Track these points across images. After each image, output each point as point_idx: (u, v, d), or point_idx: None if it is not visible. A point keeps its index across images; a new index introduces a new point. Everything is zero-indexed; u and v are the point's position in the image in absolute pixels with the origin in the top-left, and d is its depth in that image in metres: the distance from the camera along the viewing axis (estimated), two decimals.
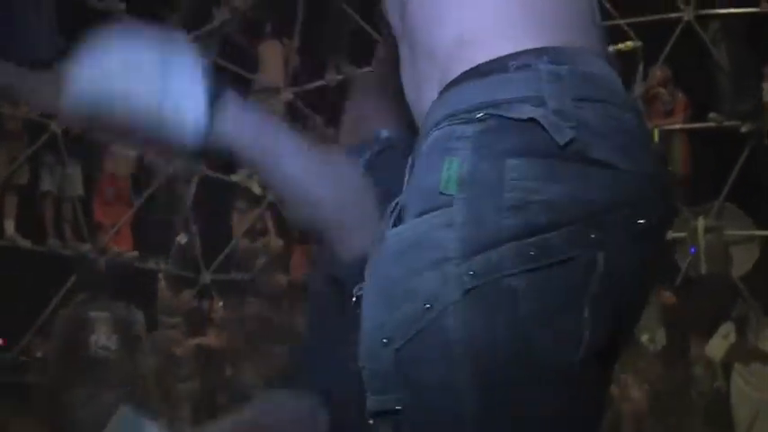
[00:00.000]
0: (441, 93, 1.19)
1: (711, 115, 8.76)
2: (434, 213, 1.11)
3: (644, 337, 7.93)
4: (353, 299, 1.18)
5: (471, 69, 1.16)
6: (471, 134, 1.12)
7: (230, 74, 9.72)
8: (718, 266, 8.62)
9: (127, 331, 6.69)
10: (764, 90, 8.73)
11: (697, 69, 8.96)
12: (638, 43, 8.34)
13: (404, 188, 1.20)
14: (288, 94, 10.08)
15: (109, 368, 6.36)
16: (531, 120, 1.10)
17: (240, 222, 10.10)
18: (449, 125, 1.14)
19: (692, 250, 8.66)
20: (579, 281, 1.09)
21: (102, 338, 6.39)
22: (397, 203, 1.18)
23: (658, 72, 9.07)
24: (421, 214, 1.12)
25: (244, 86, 10.00)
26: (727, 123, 8.64)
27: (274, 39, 10.09)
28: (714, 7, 8.66)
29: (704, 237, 8.61)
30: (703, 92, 8.92)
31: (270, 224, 10.22)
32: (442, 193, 1.11)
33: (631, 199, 1.11)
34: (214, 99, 1.39)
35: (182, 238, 9.47)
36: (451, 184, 1.10)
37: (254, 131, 1.44)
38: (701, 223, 8.65)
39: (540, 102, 1.11)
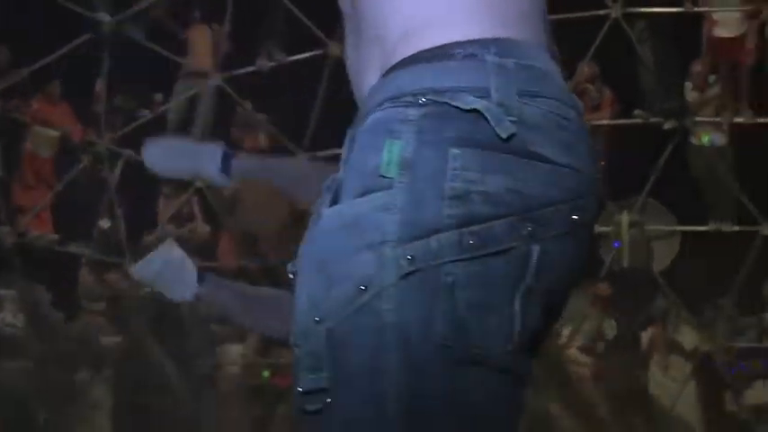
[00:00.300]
0: (384, 74, 1.19)
1: (637, 112, 8.94)
2: (374, 195, 1.11)
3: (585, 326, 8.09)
4: (290, 275, 1.18)
5: (417, 53, 1.16)
6: (415, 118, 1.12)
7: (157, 56, 9.57)
8: (641, 261, 8.81)
9: (33, 310, 6.64)
10: (688, 88, 8.94)
11: (624, 66, 9.11)
12: None
13: (342, 165, 1.19)
14: (217, 80, 9.95)
15: (16, 344, 6.36)
16: (475, 110, 1.11)
17: (166, 208, 9.95)
18: (392, 107, 1.14)
19: (616, 244, 8.82)
20: (515, 272, 1.10)
21: (9, 316, 6.35)
22: (333, 179, 1.18)
23: (586, 68, 9.20)
24: (360, 195, 1.12)
25: (172, 70, 9.86)
26: (651, 120, 8.83)
27: (204, 23, 9.95)
28: (643, 5, 8.83)
29: (628, 231, 8.78)
30: (630, 89, 9.08)
31: (197, 210, 10.09)
32: (382, 176, 1.11)
33: (568, 195, 1.13)
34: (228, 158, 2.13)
35: (104, 223, 9.29)
36: (392, 167, 1.10)
37: (258, 164, 1.72)
38: (624, 218, 8.82)
39: (484, 93, 1.12)
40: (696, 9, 8.91)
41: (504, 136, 1.10)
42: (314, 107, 9.72)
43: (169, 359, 8.96)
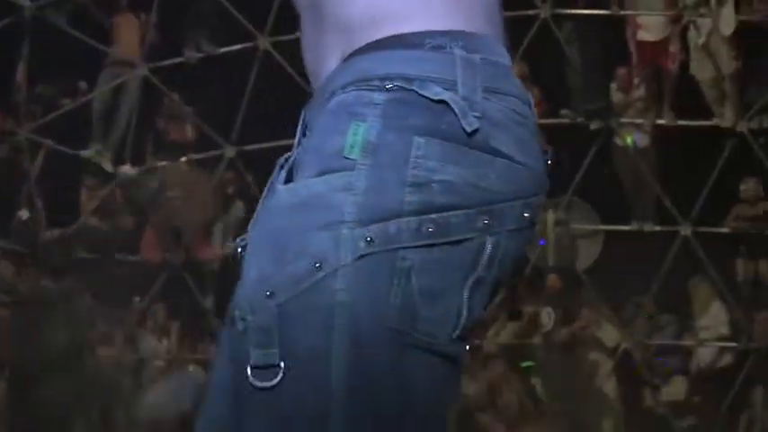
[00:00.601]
0: (348, 57, 1.18)
1: (563, 112, 9.07)
2: (334, 175, 1.10)
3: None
4: (238, 249, 1.17)
5: (384, 39, 1.15)
6: (381, 102, 1.12)
7: (81, 44, 9.35)
8: (566, 259, 8.94)
9: None
10: (613, 90, 9.10)
11: (552, 67, 9.23)
12: None
13: (296, 144, 1.21)
14: (143, 70, 9.77)
15: None
16: (442, 102, 1.11)
17: (89, 200, 9.74)
18: (356, 90, 1.14)
19: (542, 242, 8.93)
20: (468, 262, 1.13)
21: None
22: (287, 158, 1.19)
23: (515, 68, 9.28)
24: (319, 174, 1.11)
25: (97, 58, 9.64)
26: (578, 120, 8.96)
27: (131, 12, 9.75)
28: (571, 7, 8.95)
29: (553, 230, 8.90)
30: (557, 89, 9.20)
31: (121, 200, 9.89)
32: (345, 157, 1.11)
33: (523, 193, 1.16)
34: None
35: (23, 214, 9.04)
36: (356, 149, 1.10)
37: None
38: (550, 216, 8.93)
39: (451, 86, 1.12)
40: (622, 12, 9.07)
41: (468, 130, 1.11)
42: (242, 101, 9.61)
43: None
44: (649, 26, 9.03)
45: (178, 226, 9.74)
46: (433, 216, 1.09)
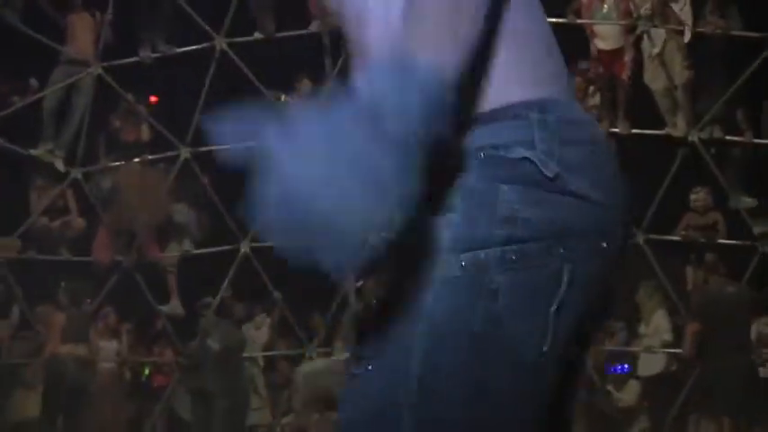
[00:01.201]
0: None
1: None
2: (440, 216, 1.38)
3: None
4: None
5: (478, 114, 1.42)
6: (476, 165, 1.39)
7: (34, 42, 9.21)
8: None
9: None
10: None
11: None
12: None
13: None
14: (97, 69, 9.65)
15: None
16: (525, 158, 1.38)
17: (40, 199, 9.59)
18: None
19: None
20: (550, 286, 1.35)
21: None
22: None
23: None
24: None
25: (50, 57, 9.51)
26: None
27: (85, 11, 9.63)
28: None
29: None
30: None
31: (72, 203, 9.76)
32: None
33: (598, 227, 1.39)
34: None
35: None
36: (455, 196, 1.37)
37: None
38: None
39: (530, 145, 1.38)
40: (579, 21, 9.17)
41: (550, 176, 1.36)
42: (198, 101, 9.54)
43: None
44: (605, 35, 9.14)
45: (131, 228, 9.63)
46: (516, 246, 1.34)
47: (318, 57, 9.41)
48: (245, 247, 9.55)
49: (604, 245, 1.39)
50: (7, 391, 8.62)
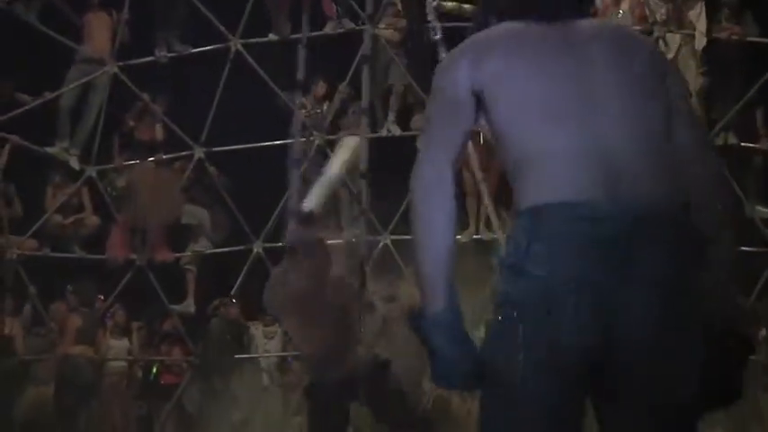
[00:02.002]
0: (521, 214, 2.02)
1: None
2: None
3: None
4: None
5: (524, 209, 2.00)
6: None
7: (51, 41, 9.28)
8: None
9: None
10: None
11: None
12: None
13: None
14: (113, 68, 9.71)
15: None
16: (511, 250, 2.01)
17: (55, 197, 9.65)
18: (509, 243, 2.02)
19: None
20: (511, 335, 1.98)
21: None
22: None
23: None
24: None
25: (67, 56, 9.57)
26: None
27: (102, 10, 9.69)
28: None
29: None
30: None
31: (86, 201, 9.81)
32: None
33: (541, 297, 1.99)
34: None
35: None
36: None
37: None
38: (502, 236, 8.94)
39: (516, 242, 2.02)
40: None
41: (514, 262, 1.98)
42: (212, 102, 9.58)
43: None
44: None
45: (144, 227, 9.68)
46: (500, 308, 2.00)
47: (333, 58, 9.45)
48: (257, 248, 9.58)
49: (549, 311, 1.91)
50: (20, 388, 8.67)
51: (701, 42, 8.83)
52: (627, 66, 1.99)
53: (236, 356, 8.99)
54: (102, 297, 9.31)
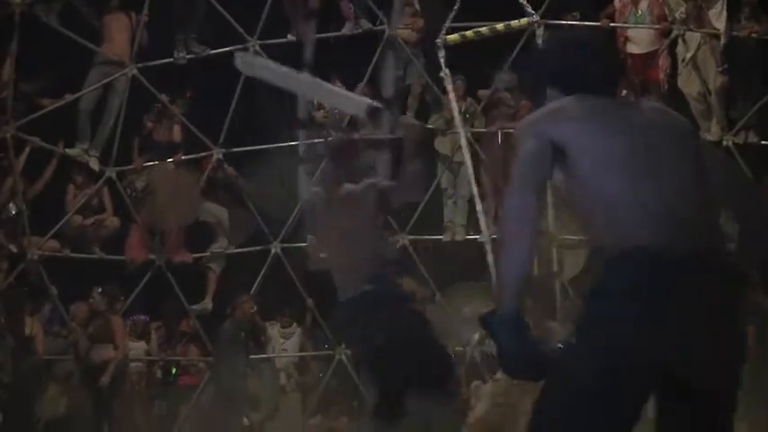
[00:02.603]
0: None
1: None
2: None
3: None
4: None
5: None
6: None
7: (71, 42, 9.33)
8: (546, 268, 8.96)
9: None
10: None
11: None
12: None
13: None
14: (132, 69, 9.76)
15: None
16: None
17: (75, 197, 9.70)
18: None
19: None
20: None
21: None
22: None
23: (505, 77, 9.33)
24: None
25: (87, 58, 9.62)
26: None
27: (121, 12, 9.73)
28: (561, 19, 8.98)
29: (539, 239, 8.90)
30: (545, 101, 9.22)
31: (107, 202, 9.86)
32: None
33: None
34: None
35: (12, 208, 8.98)
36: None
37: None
38: None
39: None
40: (612, 25, 9.12)
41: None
42: (231, 103, 9.61)
43: None
44: (638, 39, 9.08)
45: (161, 227, 9.72)
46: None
47: (350, 59, 9.46)
48: (275, 248, 9.61)
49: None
50: (41, 387, 8.73)
51: (723, 40, 8.77)
52: (673, 134, 2.52)
53: (253, 357, 9.01)
54: (123, 298, 9.34)
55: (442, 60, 8.73)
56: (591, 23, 8.95)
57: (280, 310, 9.64)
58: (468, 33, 8.85)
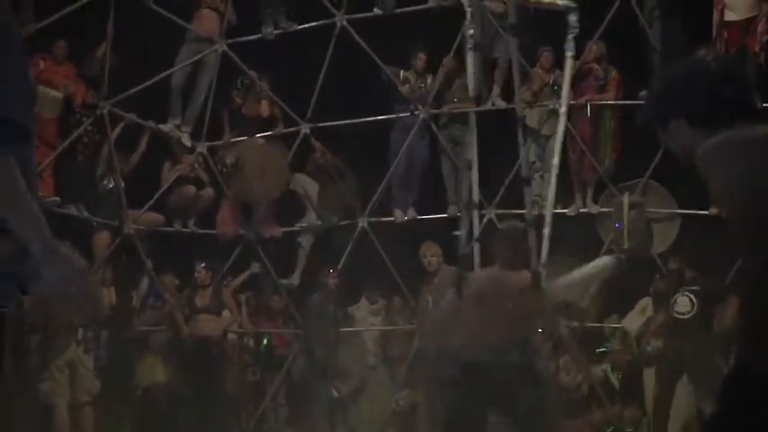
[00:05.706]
0: None
1: (642, 93, 8.87)
2: None
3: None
4: None
5: None
6: None
7: (163, 20, 9.50)
8: (640, 242, 8.79)
9: None
10: None
11: (631, 47, 9.05)
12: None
13: None
14: (222, 46, 9.90)
15: None
16: None
17: (170, 171, 9.91)
18: None
19: (617, 225, 8.80)
20: None
21: None
22: None
23: (594, 47, 9.15)
24: None
25: (178, 35, 9.79)
26: None
27: None
28: None
29: (629, 213, 8.76)
30: (636, 70, 9.02)
31: (202, 174, 10.04)
32: None
33: None
34: None
35: (107, 184, 9.23)
36: None
37: None
38: (626, 199, 8.79)
39: None
40: None
41: None
42: (318, 78, 9.67)
43: None
44: (735, 5, 8.76)
45: (250, 201, 9.87)
46: None
47: (435, 32, 9.40)
48: (362, 222, 9.67)
49: None
50: (138, 357, 9.01)
51: None
52: None
53: (342, 329, 9.12)
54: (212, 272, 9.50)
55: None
56: None
57: (367, 285, 9.71)
58: None
